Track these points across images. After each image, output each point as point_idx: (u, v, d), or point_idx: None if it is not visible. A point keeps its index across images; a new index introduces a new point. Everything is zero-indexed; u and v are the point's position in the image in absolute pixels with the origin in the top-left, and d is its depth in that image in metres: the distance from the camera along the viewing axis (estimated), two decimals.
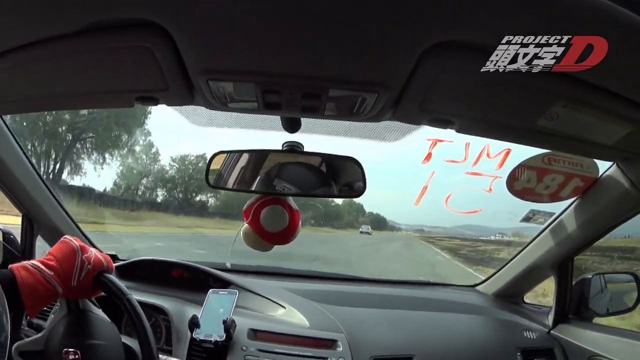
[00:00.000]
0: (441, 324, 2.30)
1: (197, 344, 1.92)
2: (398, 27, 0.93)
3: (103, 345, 1.50)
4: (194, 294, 2.25)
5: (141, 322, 1.51)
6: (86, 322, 1.52)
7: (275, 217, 1.75)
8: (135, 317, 1.51)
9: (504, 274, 2.60)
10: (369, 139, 1.63)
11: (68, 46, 1.08)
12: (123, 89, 1.33)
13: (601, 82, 1.11)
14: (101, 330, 1.54)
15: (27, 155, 2.16)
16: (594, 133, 1.37)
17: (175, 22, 0.97)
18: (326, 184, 1.70)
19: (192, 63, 1.11)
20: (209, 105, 1.36)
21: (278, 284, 2.51)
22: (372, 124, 1.46)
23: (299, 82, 1.16)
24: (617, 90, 1.14)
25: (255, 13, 0.91)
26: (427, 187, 3.01)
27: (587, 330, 2.16)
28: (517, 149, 1.67)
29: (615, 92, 1.14)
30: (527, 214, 2.23)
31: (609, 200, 1.85)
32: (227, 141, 2.36)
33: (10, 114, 1.93)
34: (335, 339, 2.02)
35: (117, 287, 1.53)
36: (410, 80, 1.12)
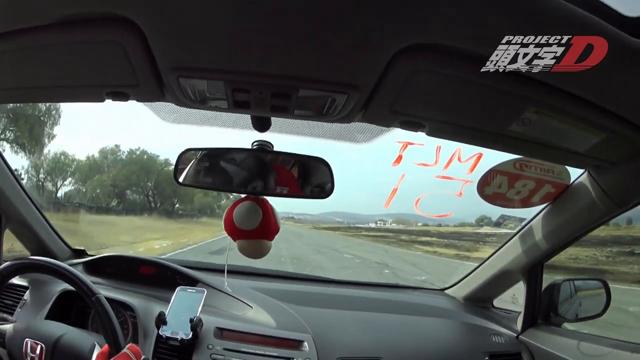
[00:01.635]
0: (409, 327, 2.30)
1: (164, 341, 1.90)
2: (369, 29, 0.92)
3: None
4: (162, 291, 2.23)
5: (111, 322, 1.52)
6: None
7: (247, 212, 1.73)
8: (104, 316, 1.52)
9: (473, 278, 2.61)
10: (340, 140, 1.63)
11: (38, 39, 1.07)
12: (93, 84, 1.31)
13: (574, 90, 1.11)
14: None
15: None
16: (565, 140, 1.38)
17: (147, 18, 0.95)
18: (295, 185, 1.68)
19: (162, 59, 1.10)
20: (178, 102, 1.34)
21: (246, 283, 2.49)
22: (343, 125, 1.45)
23: (268, 81, 1.15)
24: (589, 98, 1.14)
25: (226, 11, 0.91)
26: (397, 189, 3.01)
27: (555, 336, 2.18)
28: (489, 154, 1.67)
29: (587, 99, 1.14)
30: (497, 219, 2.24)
31: (580, 207, 1.86)
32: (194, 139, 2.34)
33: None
34: (302, 339, 2.01)
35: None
36: (380, 82, 1.12)
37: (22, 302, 2.11)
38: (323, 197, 1.65)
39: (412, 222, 35.32)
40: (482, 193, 1.99)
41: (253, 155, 1.66)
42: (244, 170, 1.66)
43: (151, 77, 1.18)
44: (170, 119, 1.63)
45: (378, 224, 38.53)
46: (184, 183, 1.70)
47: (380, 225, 37.96)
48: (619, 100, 1.18)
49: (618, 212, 1.76)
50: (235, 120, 1.59)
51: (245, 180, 1.66)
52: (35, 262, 1.65)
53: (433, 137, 1.40)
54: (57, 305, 2.06)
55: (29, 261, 1.66)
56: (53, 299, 2.07)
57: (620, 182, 1.64)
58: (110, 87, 1.29)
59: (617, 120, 1.25)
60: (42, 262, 1.63)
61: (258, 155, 1.66)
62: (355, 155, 33.81)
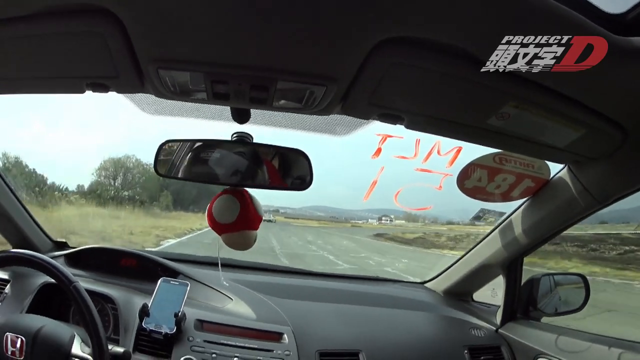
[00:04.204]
0: (389, 320, 2.31)
1: (146, 333, 1.90)
2: (347, 21, 0.93)
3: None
4: (143, 282, 2.23)
5: (90, 312, 1.52)
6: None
7: (224, 206, 1.73)
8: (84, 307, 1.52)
9: (453, 271, 2.62)
10: (319, 132, 1.63)
11: (18, 30, 1.06)
12: (73, 75, 1.31)
13: (554, 85, 1.12)
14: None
15: None
16: (545, 135, 1.39)
17: (127, 9, 0.96)
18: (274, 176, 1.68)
19: (142, 51, 1.10)
20: (158, 94, 1.34)
21: (227, 275, 2.48)
22: (322, 117, 1.46)
23: (247, 72, 1.15)
24: (569, 94, 1.15)
25: (205, 3, 0.91)
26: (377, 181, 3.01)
27: (534, 329, 2.20)
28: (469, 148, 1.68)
29: (568, 95, 1.15)
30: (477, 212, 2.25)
31: (560, 202, 1.87)
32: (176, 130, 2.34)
33: None
34: (281, 331, 2.02)
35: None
36: (359, 75, 1.12)
37: (2, 295, 2.09)
38: (302, 188, 1.65)
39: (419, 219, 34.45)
40: (462, 186, 2.00)
41: (233, 146, 1.66)
42: (224, 162, 1.66)
43: (131, 69, 1.18)
44: (150, 111, 1.63)
45: (383, 220, 36.20)
46: (164, 175, 1.70)
47: (386, 222, 35.93)
48: (599, 97, 1.19)
49: (597, 208, 1.77)
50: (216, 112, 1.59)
51: (225, 172, 1.66)
52: (11, 255, 1.64)
53: (412, 130, 1.41)
54: (38, 299, 2.05)
55: (5, 254, 1.65)
56: (34, 292, 2.06)
57: (600, 177, 1.66)
58: (90, 78, 1.29)
59: (597, 117, 1.26)
60: (18, 254, 1.62)
61: (238, 146, 1.66)
62: (335, 147, 33.70)
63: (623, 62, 1.02)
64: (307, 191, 1.65)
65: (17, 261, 1.64)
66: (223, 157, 1.67)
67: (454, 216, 31.07)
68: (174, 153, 1.69)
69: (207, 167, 1.67)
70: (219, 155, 1.67)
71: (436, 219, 32.73)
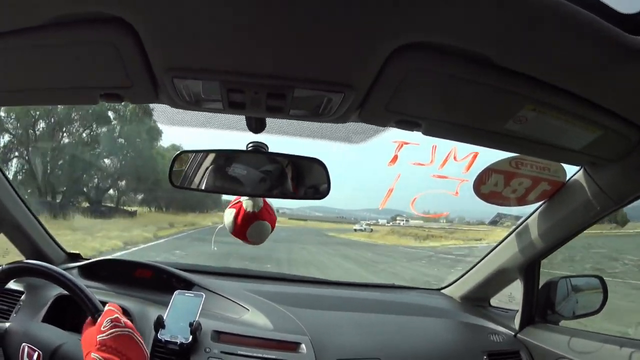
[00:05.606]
0: (407, 327, 2.30)
1: (162, 345, 1.88)
2: (365, 27, 0.91)
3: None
4: (157, 294, 2.22)
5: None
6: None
7: (263, 233, 1.76)
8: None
9: (470, 277, 2.61)
10: (335, 141, 1.62)
11: (31, 40, 1.05)
12: (87, 86, 1.29)
13: (571, 87, 1.11)
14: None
15: None
16: (561, 137, 1.38)
17: (141, 19, 0.94)
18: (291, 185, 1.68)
19: (157, 60, 1.09)
20: (173, 104, 1.33)
21: (242, 285, 2.48)
22: (338, 125, 1.45)
23: (263, 81, 1.14)
24: (586, 95, 1.14)
25: (221, 11, 0.90)
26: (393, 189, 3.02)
27: (553, 333, 2.18)
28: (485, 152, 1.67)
29: (584, 97, 1.14)
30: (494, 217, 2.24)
31: (576, 204, 1.86)
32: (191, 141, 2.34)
33: None
34: (299, 341, 2.01)
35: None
36: (377, 81, 1.11)
37: (17, 306, 2.09)
38: (318, 197, 1.65)
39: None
40: (478, 192, 1.99)
41: (249, 156, 1.66)
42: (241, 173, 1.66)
43: (145, 78, 1.17)
44: (164, 121, 1.62)
45: (398, 221, 33.93)
46: (179, 186, 1.70)
47: (401, 222, 33.67)
48: (615, 98, 1.18)
49: (614, 209, 1.76)
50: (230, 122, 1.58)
51: (241, 182, 1.66)
52: (30, 267, 1.63)
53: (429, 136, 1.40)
54: (53, 310, 2.05)
55: (26, 265, 1.64)
56: (49, 303, 2.06)
57: (616, 179, 1.64)
58: (103, 88, 1.27)
59: (613, 118, 1.25)
60: (44, 269, 1.60)
61: (254, 156, 1.66)
62: (334, 147, 32.89)
63: (638, 62, 1.01)
64: None
65: (38, 274, 1.63)
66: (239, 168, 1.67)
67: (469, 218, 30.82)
68: (188, 164, 1.69)
69: (223, 178, 1.67)
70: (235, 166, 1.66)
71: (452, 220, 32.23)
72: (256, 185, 1.66)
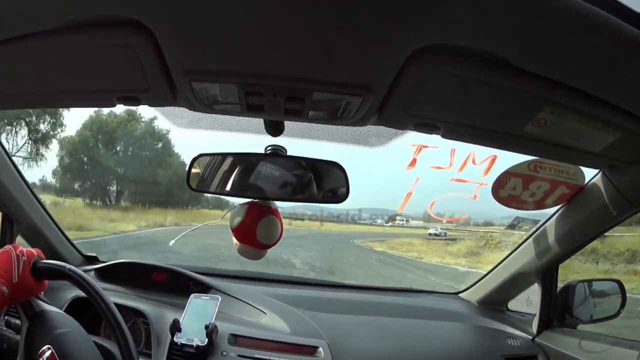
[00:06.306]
0: (424, 332, 2.29)
1: (178, 348, 1.90)
2: (384, 29, 0.91)
3: (69, 331, 1.50)
4: (174, 297, 2.23)
5: (95, 290, 1.50)
6: (46, 319, 1.50)
7: (273, 229, 1.76)
8: (88, 286, 1.50)
9: (487, 281, 2.59)
10: (354, 144, 1.61)
11: (48, 43, 1.05)
12: (104, 89, 1.30)
13: (590, 89, 1.10)
14: (62, 321, 1.53)
15: (9, 154, 2.13)
16: (580, 140, 1.36)
17: (158, 21, 0.94)
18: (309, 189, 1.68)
19: (174, 63, 1.09)
20: (191, 107, 1.33)
21: (259, 289, 2.49)
22: (356, 128, 1.44)
23: (282, 84, 1.14)
24: (605, 97, 1.13)
25: (240, 14, 0.90)
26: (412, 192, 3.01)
27: (571, 337, 2.16)
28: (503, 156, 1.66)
29: (603, 98, 1.13)
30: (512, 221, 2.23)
31: (595, 207, 1.84)
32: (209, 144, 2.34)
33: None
34: (317, 345, 2.01)
35: (53, 264, 1.54)
36: (395, 84, 1.10)
37: None
38: (337, 201, 1.65)
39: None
40: (496, 195, 1.98)
41: (267, 159, 1.66)
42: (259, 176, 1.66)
43: (163, 81, 1.17)
44: (182, 124, 1.63)
45: (397, 221, 32.75)
46: (197, 189, 1.71)
47: (401, 223, 32.90)
48: (635, 99, 1.17)
49: (633, 212, 1.74)
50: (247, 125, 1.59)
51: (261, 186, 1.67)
52: (73, 275, 1.58)
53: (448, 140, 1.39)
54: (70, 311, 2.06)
55: (67, 271, 1.60)
56: (65, 305, 2.07)
57: (635, 181, 1.62)
58: (121, 91, 1.28)
59: (632, 119, 1.23)
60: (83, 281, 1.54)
61: (272, 160, 1.66)
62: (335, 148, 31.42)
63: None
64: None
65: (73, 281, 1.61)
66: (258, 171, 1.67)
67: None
68: (206, 166, 1.69)
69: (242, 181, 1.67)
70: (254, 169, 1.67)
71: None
72: (276, 189, 1.67)
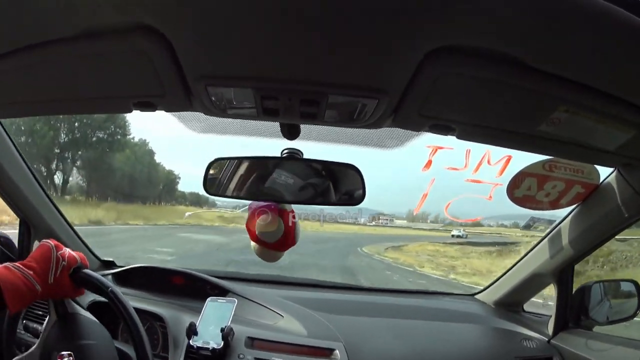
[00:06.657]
0: (440, 334, 2.29)
1: (194, 351, 1.90)
2: (398, 31, 0.91)
3: (94, 344, 1.51)
4: (191, 301, 2.25)
5: (128, 313, 1.50)
6: (75, 324, 1.52)
7: (268, 227, 1.77)
8: (123, 309, 1.50)
9: (503, 282, 2.58)
10: (369, 146, 1.61)
11: (64, 51, 1.07)
12: (120, 95, 1.31)
13: (604, 86, 1.10)
14: (91, 331, 1.54)
15: (25, 160, 2.15)
16: (595, 138, 1.36)
17: (173, 27, 0.95)
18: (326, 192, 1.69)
19: (190, 68, 1.10)
20: (207, 112, 1.34)
21: (276, 292, 2.50)
22: (372, 130, 1.45)
23: (297, 87, 1.14)
24: (619, 94, 1.13)
25: (254, 18, 0.90)
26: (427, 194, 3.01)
27: (587, 339, 2.15)
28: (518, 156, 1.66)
29: (617, 96, 1.13)
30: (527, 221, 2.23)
31: (610, 207, 1.84)
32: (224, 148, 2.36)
33: (6, 118, 1.92)
34: (333, 347, 2.01)
35: (96, 279, 1.53)
36: (410, 86, 1.11)
37: None
38: (353, 203, 1.65)
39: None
40: (512, 196, 1.98)
41: (284, 163, 1.67)
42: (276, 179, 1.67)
43: (178, 87, 1.18)
44: (198, 129, 1.64)
45: (381, 221, 31.66)
46: (214, 193, 1.72)
47: (385, 222, 31.86)
48: None
49: None
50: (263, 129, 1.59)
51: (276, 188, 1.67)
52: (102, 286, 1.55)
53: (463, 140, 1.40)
54: None
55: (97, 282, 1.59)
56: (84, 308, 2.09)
57: None
58: (137, 97, 1.29)
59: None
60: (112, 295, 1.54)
61: (288, 163, 1.67)
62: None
63: None
64: None
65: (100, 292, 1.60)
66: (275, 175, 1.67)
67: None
68: (222, 171, 1.70)
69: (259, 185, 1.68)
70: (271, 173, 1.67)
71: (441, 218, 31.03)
72: (294, 193, 1.67)
